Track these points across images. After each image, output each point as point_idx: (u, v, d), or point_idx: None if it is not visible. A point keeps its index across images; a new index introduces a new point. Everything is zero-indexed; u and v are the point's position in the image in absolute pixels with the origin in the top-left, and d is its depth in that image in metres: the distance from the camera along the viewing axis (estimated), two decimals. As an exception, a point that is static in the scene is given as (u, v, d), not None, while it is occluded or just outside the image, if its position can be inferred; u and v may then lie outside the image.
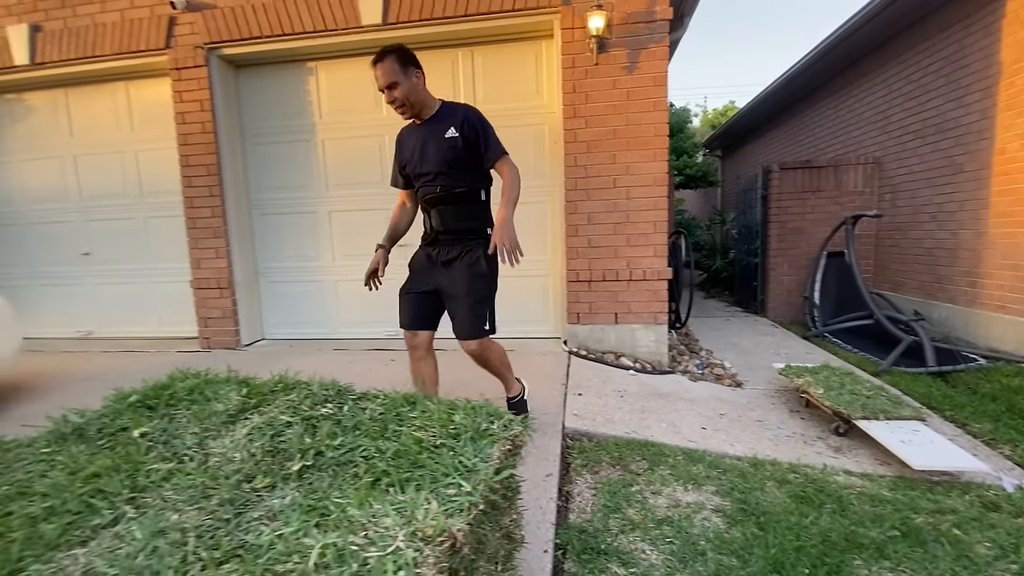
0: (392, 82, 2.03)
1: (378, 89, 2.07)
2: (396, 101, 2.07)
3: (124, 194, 4.49)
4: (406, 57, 2.05)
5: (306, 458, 1.10)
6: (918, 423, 2.55)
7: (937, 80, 4.68)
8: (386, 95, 2.07)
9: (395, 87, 2.03)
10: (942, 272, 4.62)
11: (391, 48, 2.04)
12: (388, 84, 2.03)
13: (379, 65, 2.03)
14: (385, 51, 2.03)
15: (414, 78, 2.07)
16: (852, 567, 1.64)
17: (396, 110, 2.12)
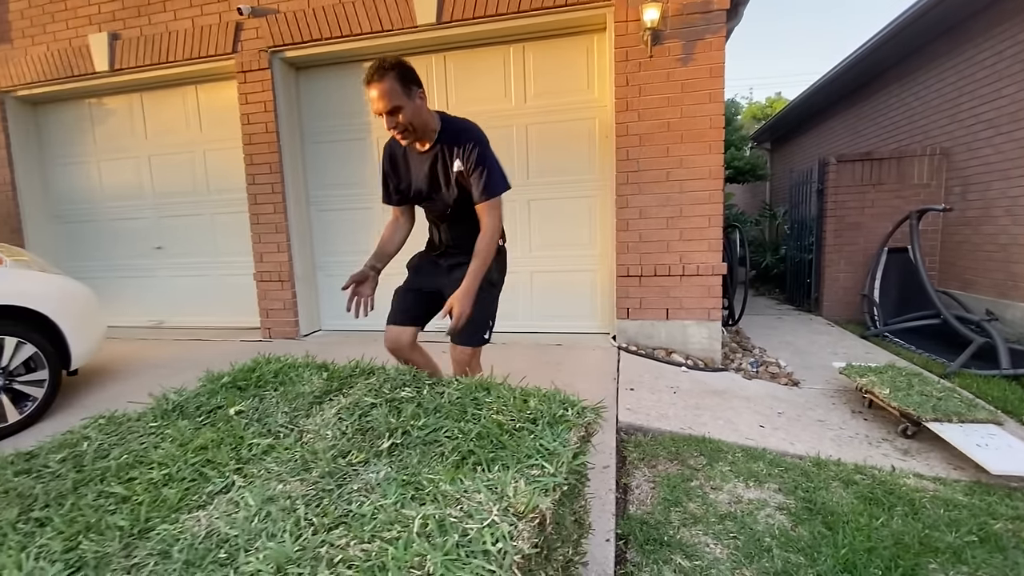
0: (395, 106, 1.69)
1: (375, 112, 1.74)
2: (399, 127, 1.75)
3: (193, 191, 4.76)
4: (408, 75, 1.73)
5: (394, 437, 1.17)
6: (994, 427, 2.43)
7: (1013, 65, 4.38)
8: (387, 121, 1.74)
9: (398, 111, 1.71)
10: (1018, 270, 4.33)
11: (389, 64, 1.69)
12: (390, 108, 1.70)
13: (376, 85, 1.67)
14: (382, 68, 1.68)
15: (418, 99, 1.76)
16: (927, 570, 1.59)
17: (397, 136, 1.80)
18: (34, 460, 1.22)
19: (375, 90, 1.68)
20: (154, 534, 0.94)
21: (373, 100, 1.70)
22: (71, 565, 0.88)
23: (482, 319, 1.99)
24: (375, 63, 1.69)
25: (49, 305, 3.01)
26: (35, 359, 2.94)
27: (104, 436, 1.34)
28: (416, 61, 4.00)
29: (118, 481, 1.11)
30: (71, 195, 5.10)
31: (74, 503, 1.04)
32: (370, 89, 1.69)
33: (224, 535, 0.91)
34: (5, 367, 2.78)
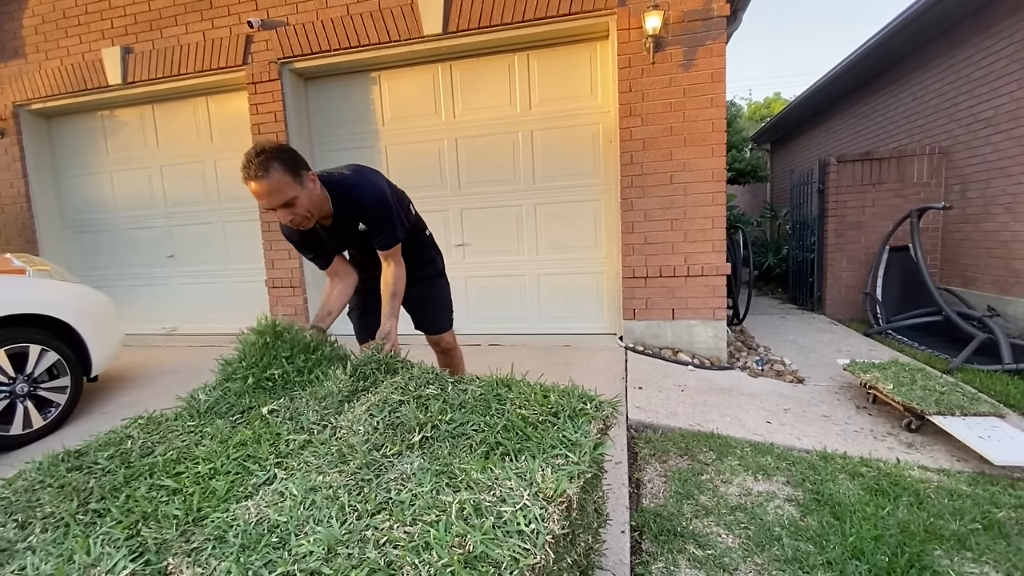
0: (289, 199, 1.56)
1: (267, 208, 1.59)
2: (296, 220, 1.62)
3: (204, 201, 4.85)
4: (293, 160, 1.58)
5: (424, 431, 1.24)
6: (996, 419, 2.49)
7: (1010, 65, 4.45)
8: (281, 216, 1.60)
9: (293, 203, 1.57)
10: (1019, 266, 4.39)
11: (270, 152, 1.51)
12: (285, 202, 1.56)
13: (261, 183, 1.50)
14: (264, 159, 1.49)
15: (309, 183, 1.62)
16: (933, 557, 1.65)
17: (295, 227, 1.67)
18: (84, 457, 1.29)
19: (262, 187, 1.50)
20: (208, 522, 1.01)
21: (262, 197, 1.52)
22: (134, 550, 0.95)
23: (448, 303, 2.27)
24: (252, 155, 1.50)
25: (71, 313, 3.09)
26: (58, 366, 3.02)
27: (146, 435, 1.41)
28: (423, 70, 4.11)
29: (167, 475, 1.18)
30: (84, 205, 5.20)
31: (128, 495, 1.11)
32: (255, 184, 1.50)
33: (274, 521, 0.98)
34: (30, 374, 2.86)
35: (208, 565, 0.89)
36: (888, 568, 1.58)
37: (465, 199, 4.20)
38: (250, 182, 1.52)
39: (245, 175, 1.52)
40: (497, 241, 4.19)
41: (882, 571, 1.57)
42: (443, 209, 4.27)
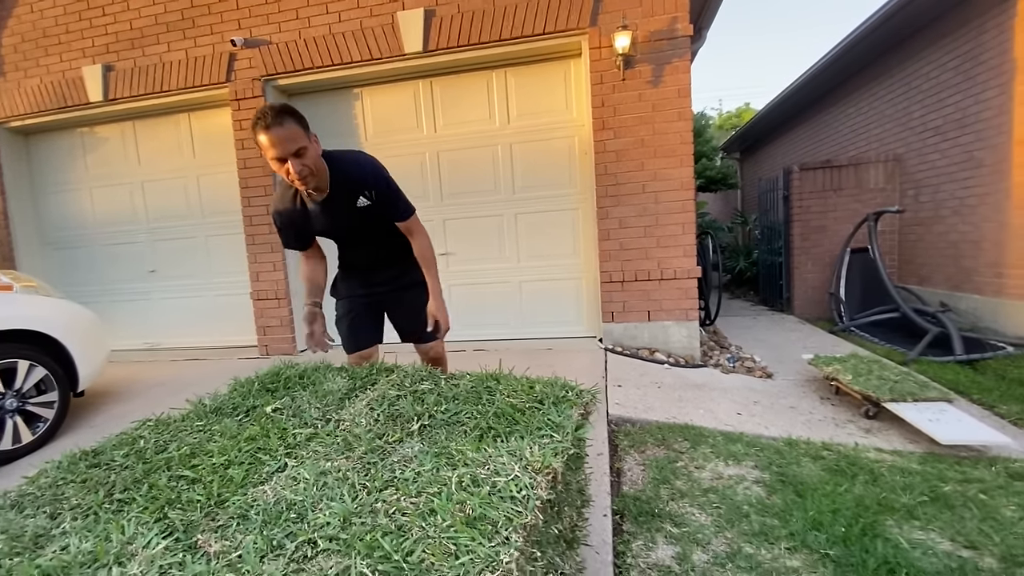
0: (300, 147, 1.63)
1: (273, 158, 1.63)
2: (304, 171, 1.66)
3: (187, 215, 4.88)
4: (303, 118, 1.67)
5: (422, 420, 1.36)
6: (945, 404, 2.71)
7: (956, 77, 4.80)
8: (293, 165, 1.62)
9: (303, 153, 1.64)
10: (967, 264, 4.71)
11: (284, 107, 1.63)
12: (296, 150, 1.62)
13: (278, 130, 1.58)
14: (280, 112, 1.60)
15: (315, 142, 1.71)
16: (884, 526, 1.83)
17: (299, 183, 1.70)
18: (101, 456, 1.38)
19: (278, 134, 1.58)
20: (229, 504, 1.11)
21: (276, 145, 1.59)
22: (163, 530, 1.05)
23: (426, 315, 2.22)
24: (267, 110, 1.59)
25: (58, 329, 3.11)
26: (45, 381, 3.03)
27: (157, 435, 1.50)
28: (405, 86, 4.26)
29: (184, 468, 1.28)
30: (63, 222, 5.17)
31: (151, 486, 1.21)
32: (271, 133, 1.57)
33: (291, 501, 1.09)
34: (19, 389, 2.88)
35: (234, 539, 1.00)
36: (844, 537, 1.75)
37: (448, 209, 4.34)
38: (268, 131, 1.58)
39: (262, 124, 1.58)
40: (480, 250, 4.33)
41: (839, 539, 1.74)
42: (427, 219, 4.33)
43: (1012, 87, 4.10)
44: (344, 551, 0.91)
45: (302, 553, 0.93)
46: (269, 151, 1.62)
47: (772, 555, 1.68)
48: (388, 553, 0.88)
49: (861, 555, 1.65)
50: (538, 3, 3.70)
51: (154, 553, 0.95)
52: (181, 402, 1.75)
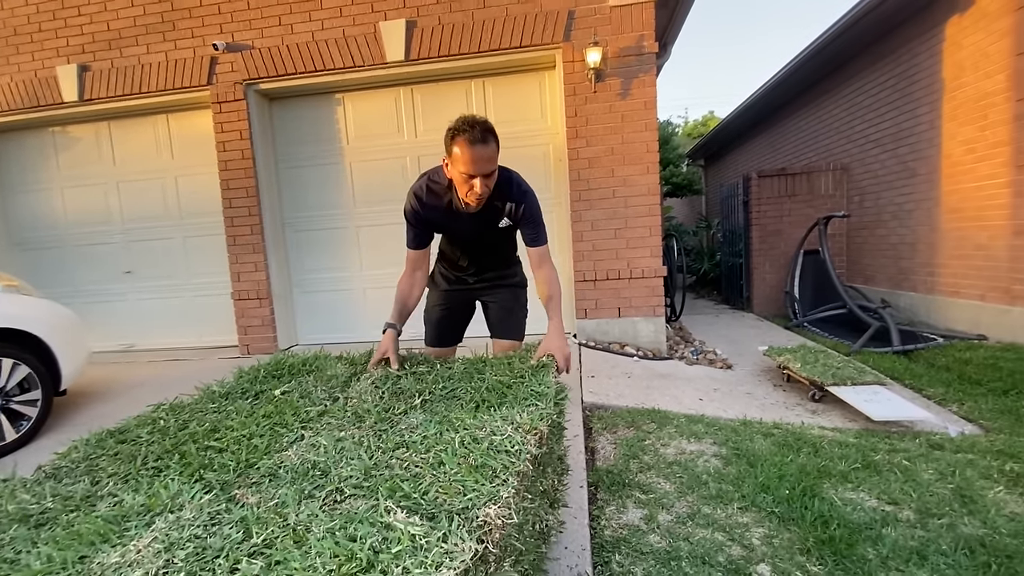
0: (492, 170, 1.63)
1: (468, 174, 1.60)
2: (485, 193, 1.66)
3: (165, 216, 4.89)
4: (499, 140, 1.64)
5: (424, 395, 1.54)
6: (879, 387, 3.04)
7: (892, 94, 5.27)
8: (480, 185, 1.62)
9: (491, 175, 1.64)
10: (905, 264, 5.16)
11: (490, 126, 1.60)
12: (489, 172, 1.62)
13: (483, 148, 1.56)
14: (487, 130, 1.58)
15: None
16: (822, 488, 2.10)
17: (473, 202, 1.68)
18: (126, 433, 1.51)
19: (481, 153, 1.56)
20: (259, 466, 1.27)
21: (476, 162, 1.57)
22: (204, 488, 1.20)
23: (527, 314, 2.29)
24: (475, 122, 1.57)
25: (41, 328, 3.14)
26: (29, 380, 3.06)
27: (174, 416, 1.63)
28: (386, 93, 4.42)
29: (209, 440, 1.42)
30: (33, 222, 5.09)
31: (181, 455, 1.35)
32: (475, 149, 1.55)
33: (314, 462, 1.26)
34: (2, 388, 2.90)
35: (268, 492, 1.16)
36: (788, 497, 2.01)
37: (428, 212, 4.51)
38: (474, 145, 1.55)
39: (469, 139, 1.55)
40: (459, 251, 4.51)
41: (783, 500, 2.00)
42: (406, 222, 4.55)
43: (941, 105, 4.55)
44: (368, 495, 1.09)
45: (332, 499, 1.10)
46: (465, 165, 1.59)
47: (726, 514, 1.93)
48: (408, 493, 1.06)
49: (801, 511, 1.91)
50: (515, 18, 3.93)
51: (201, 503, 1.10)
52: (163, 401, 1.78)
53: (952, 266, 4.48)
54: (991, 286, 4.02)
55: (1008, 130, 3.76)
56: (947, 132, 4.50)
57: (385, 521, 0.95)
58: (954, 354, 3.82)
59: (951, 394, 3.22)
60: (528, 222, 1.85)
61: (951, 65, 4.40)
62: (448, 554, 0.86)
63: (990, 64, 3.91)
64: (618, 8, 3.83)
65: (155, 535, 0.98)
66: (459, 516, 0.99)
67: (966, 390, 3.27)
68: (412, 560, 0.84)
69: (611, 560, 1.70)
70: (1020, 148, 3.66)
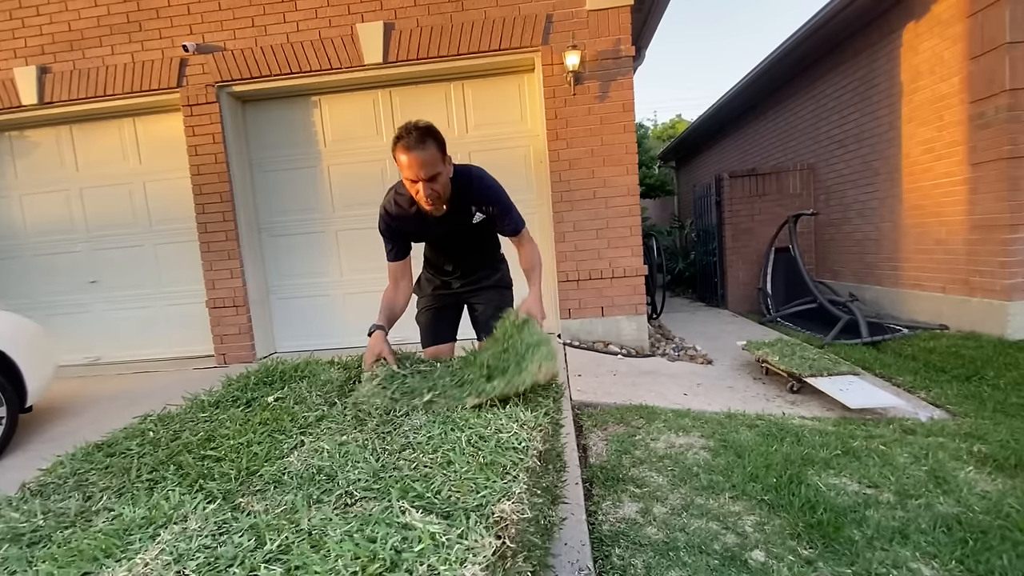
0: (436, 173, 1.63)
1: (408, 178, 1.65)
2: (432, 195, 1.66)
3: (133, 223, 4.72)
4: (443, 141, 1.66)
5: (434, 391, 1.54)
6: (853, 377, 3.17)
7: (854, 97, 5.50)
8: (424, 188, 1.63)
9: (437, 178, 1.64)
10: (870, 259, 5.39)
11: (427, 129, 1.61)
12: (431, 175, 1.62)
13: (418, 153, 1.58)
14: (423, 134, 1.59)
15: (449, 163, 1.70)
16: (807, 475, 2.17)
17: (426, 203, 1.69)
18: (114, 446, 1.45)
19: (418, 157, 1.58)
20: (261, 474, 1.25)
21: (413, 166, 1.60)
22: (205, 497, 1.17)
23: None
24: (411, 128, 1.59)
25: (5, 342, 3.00)
26: (-7, 396, 2.91)
27: (163, 427, 1.58)
28: (364, 95, 4.38)
29: (206, 450, 1.39)
30: (-12, 232, 4.85)
31: (178, 466, 1.31)
32: (411, 154, 1.58)
33: (319, 467, 1.24)
34: (-35, 405, 2.75)
35: (275, 499, 1.14)
36: (775, 485, 2.07)
37: (409, 215, 4.48)
38: (408, 152, 1.58)
39: (404, 144, 1.58)
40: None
41: (771, 488, 2.06)
42: (387, 225, 4.52)
43: (900, 107, 4.78)
44: (379, 497, 1.08)
45: (343, 502, 1.09)
46: (405, 170, 1.63)
47: (719, 503, 1.98)
48: (420, 493, 1.06)
49: (789, 498, 1.97)
50: (494, 22, 3.95)
51: (206, 513, 1.08)
52: (136, 414, 1.68)
53: (914, 260, 4.70)
54: (951, 278, 4.23)
55: (963, 130, 3.98)
56: (906, 133, 4.73)
57: (403, 521, 0.95)
58: (919, 344, 4.01)
59: (919, 381, 3.38)
60: (500, 214, 1.89)
61: (909, 69, 4.63)
62: (470, 550, 0.87)
63: (945, 68, 4.13)
64: (595, 12, 3.90)
65: (162, 547, 0.95)
66: (475, 513, 0.99)
67: (932, 377, 3.44)
68: (436, 557, 0.84)
69: (611, 554, 1.72)
70: (974, 147, 3.87)
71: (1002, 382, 3.16)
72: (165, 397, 1.89)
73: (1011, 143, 3.54)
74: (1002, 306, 3.70)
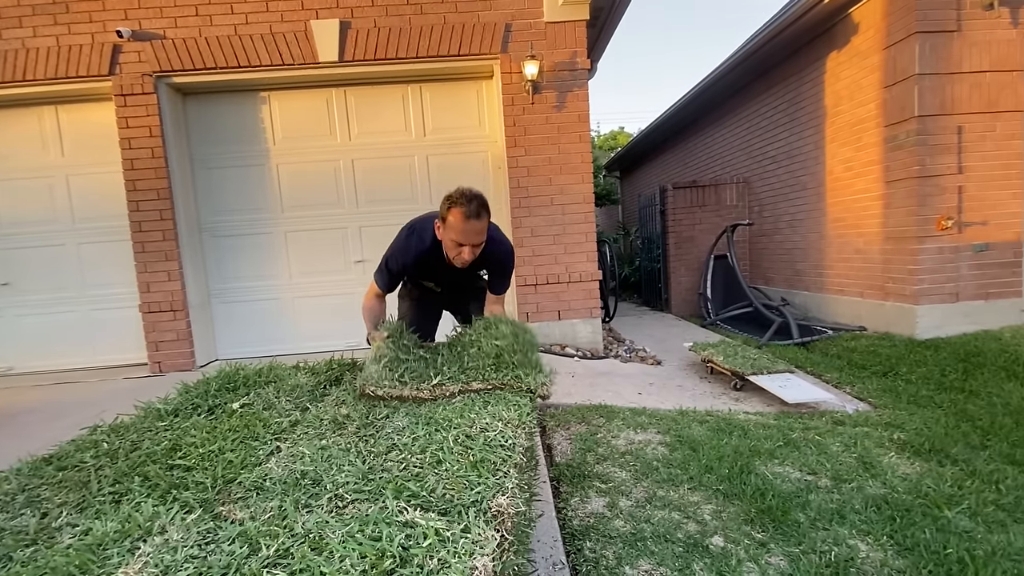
0: (483, 241, 1.82)
1: (458, 241, 1.78)
2: (472, 259, 1.85)
3: (53, 220, 4.32)
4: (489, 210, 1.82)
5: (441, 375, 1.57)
6: (789, 374, 3.43)
7: (784, 117, 5.96)
8: (468, 253, 1.81)
9: (479, 245, 1.83)
10: (799, 267, 5.85)
11: (484, 201, 1.77)
12: (480, 243, 1.82)
13: (477, 223, 1.74)
14: (479, 204, 1.75)
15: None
16: (755, 465, 2.34)
17: (462, 264, 1.86)
18: (66, 460, 1.35)
19: (475, 227, 1.74)
20: (240, 481, 1.20)
21: (469, 234, 1.75)
22: (182, 508, 1.12)
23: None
24: (470, 196, 1.72)
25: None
26: None
27: (118, 438, 1.48)
28: (317, 93, 4.27)
29: (173, 459, 1.32)
30: None
31: (144, 477, 1.24)
32: (471, 224, 1.73)
33: (302, 471, 1.21)
34: None
35: (259, 506, 1.11)
36: (728, 476, 2.21)
37: (364, 217, 4.39)
38: (469, 219, 1.73)
39: (466, 213, 1.72)
40: (396, 257, 4.43)
41: (724, 478, 2.20)
42: (341, 227, 4.41)
43: (824, 128, 5.24)
44: (372, 498, 1.08)
45: (334, 505, 1.08)
46: (460, 235, 1.76)
47: (679, 494, 2.09)
48: (415, 492, 1.07)
49: (741, 487, 2.12)
50: (453, 27, 3.97)
51: (186, 523, 1.03)
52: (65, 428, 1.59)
53: (837, 268, 5.16)
54: (868, 284, 4.68)
55: (878, 151, 4.43)
56: (830, 152, 5.19)
57: (404, 519, 0.96)
58: (842, 344, 4.40)
59: (844, 378, 3.71)
60: (499, 273, 2.11)
61: (831, 94, 5.08)
62: (476, 543, 0.89)
63: (863, 94, 4.58)
64: (553, 24, 4.01)
65: (145, 560, 0.91)
66: (473, 509, 1.02)
67: (855, 374, 3.79)
68: (445, 551, 0.86)
69: (583, 547, 1.78)
70: (888, 167, 4.31)
71: (914, 377, 3.54)
72: (97, 409, 1.76)
73: (919, 164, 3.98)
74: (911, 309, 4.14)
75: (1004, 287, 4.12)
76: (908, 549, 1.71)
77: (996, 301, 4.11)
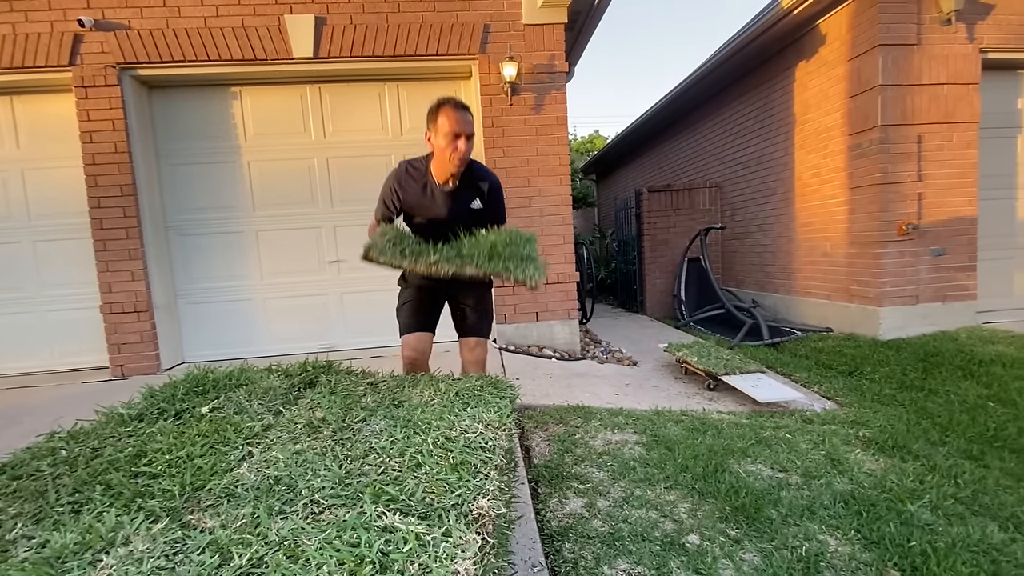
0: (473, 133, 1.97)
1: (450, 132, 1.89)
2: (466, 155, 1.96)
3: (6, 216, 4.10)
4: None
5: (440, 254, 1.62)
6: (760, 374, 3.52)
7: (755, 124, 6.12)
8: (463, 144, 1.92)
9: (471, 138, 1.97)
10: (769, 269, 6.00)
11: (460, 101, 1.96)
12: (471, 133, 1.95)
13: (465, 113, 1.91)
14: (461, 102, 1.95)
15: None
16: (728, 464, 2.38)
17: (457, 163, 1.95)
18: (21, 468, 1.27)
19: (465, 116, 1.90)
20: (209, 489, 1.15)
21: (461, 122, 1.89)
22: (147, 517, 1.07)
23: (492, 313, 2.46)
24: (449, 98, 1.94)
25: None
26: None
27: (78, 445, 1.41)
28: (291, 89, 4.18)
29: (137, 466, 1.26)
30: None
31: (106, 485, 1.18)
32: (459, 113, 1.89)
33: (275, 477, 1.17)
34: None
35: (228, 514, 1.07)
36: (703, 474, 2.25)
37: (339, 216, 4.31)
38: (457, 110, 1.89)
39: (453, 104, 1.91)
40: (372, 257, 4.37)
41: (700, 476, 2.23)
42: (315, 226, 4.32)
43: (793, 135, 5.39)
44: (349, 503, 1.06)
45: (310, 511, 1.04)
46: (453, 124, 1.88)
47: (655, 493, 2.11)
48: (395, 496, 1.05)
49: (715, 485, 2.15)
50: (431, 26, 3.94)
51: (152, 533, 0.99)
52: (20, 435, 1.53)
53: (805, 271, 5.31)
54: (834, 287, 4.84)
55: (844, 159, 4.58)
56: (798, 158, 5.34)
57: (383, 524, 0.94)
58: (810, 345, 4.53)
59: (812, 377, 3.82)
60: (495, 202, 2.17)
61: (800, 102, 5.24)
62: (457, 547, 0.88)
63: (829, 104, 4.73)
64: (531, 27, 4.03)
65: (108, 572, 0.87)
66: (453, 512, 1.00)
67: (822, 374, 3.90)
68: (426, 556, 0.84)
69: (562, 548, 1.78)
70: (853, 174, 4.47)
71: (877, 376, 3.67)
72: (54, 414, 1.67)
73: (882, 171, 4.14)
74: (875, 311, 4.29)
75: (960, 290, 4.31)
76: (874, 542, 1.77)
77: (953, 303, 4.30)
